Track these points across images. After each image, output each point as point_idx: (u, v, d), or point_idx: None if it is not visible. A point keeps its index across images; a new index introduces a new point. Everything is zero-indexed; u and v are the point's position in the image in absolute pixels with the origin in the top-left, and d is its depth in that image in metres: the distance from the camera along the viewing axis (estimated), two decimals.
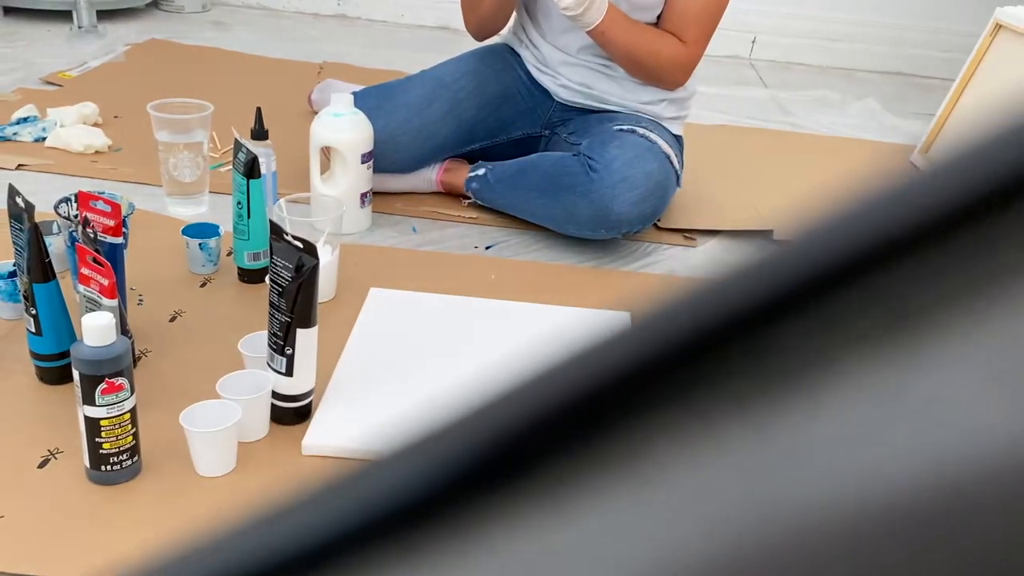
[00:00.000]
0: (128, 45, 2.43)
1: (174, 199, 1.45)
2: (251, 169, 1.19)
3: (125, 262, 1.04)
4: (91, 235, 0.96)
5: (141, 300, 1.18)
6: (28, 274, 0.94)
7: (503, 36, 1.70)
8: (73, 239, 1.10)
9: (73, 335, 1.00)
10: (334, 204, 1.24)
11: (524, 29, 1.62)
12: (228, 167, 1.66)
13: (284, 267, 0.90)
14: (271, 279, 0.92)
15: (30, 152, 1.64)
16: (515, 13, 1.63)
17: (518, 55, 1.64)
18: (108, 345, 0.81)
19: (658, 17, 1.48)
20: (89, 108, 1.78)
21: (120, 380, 0.82)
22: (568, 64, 1.56)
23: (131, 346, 0.89)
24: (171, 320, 1.15)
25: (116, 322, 0.83)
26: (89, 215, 1.00)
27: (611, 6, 1.39)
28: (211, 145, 1.57)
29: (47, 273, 0.94)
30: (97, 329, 0.80)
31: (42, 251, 0.93)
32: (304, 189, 1.51)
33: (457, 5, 1.58)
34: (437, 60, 1.69)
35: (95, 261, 0.90)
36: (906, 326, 0.13)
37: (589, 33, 1.41)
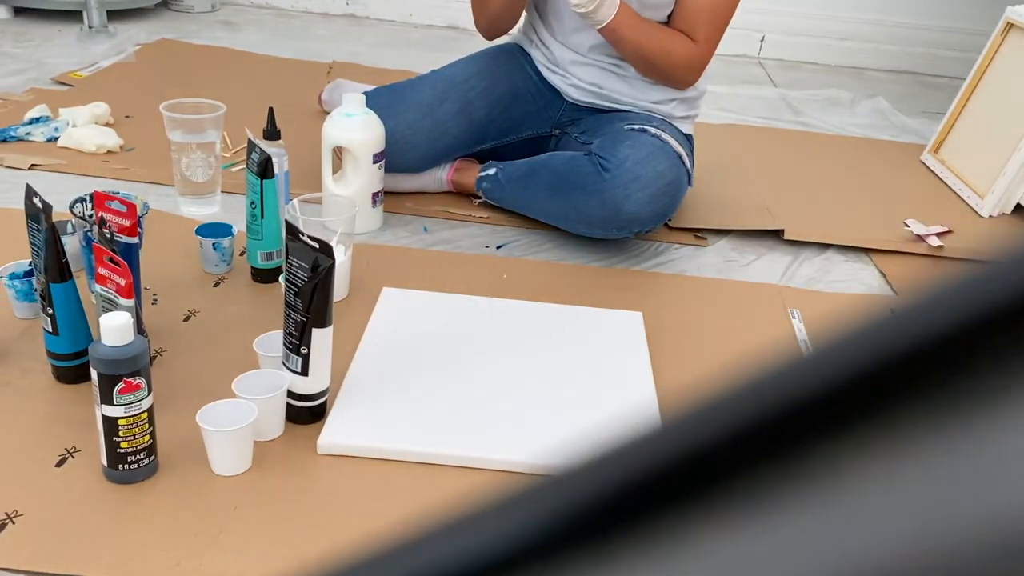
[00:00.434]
0: (138, 45, 2.43)
1: (186, 199, 1.46)
2: (265, 169, 1.19)
3: (140, 262, 1.05)
4: (107, 235, 0.97)
5: (155, 300, 1.19)
6: (45, 274, 0.94)
7: (513, 36, 1.70)
8: (88, 239, 1.11)
9: (89, 335, 1.00)
10: (347, 204, 1.24)
11: (534, 28, 1.62)
12: (240, 167, 1.67)
13: (300, 267, 0.90)
14: (287, 279, 0.92)
15: (43, 152, 1.64)
16: (525, 13, 1.63)
17: (528, 55, 1.64)
18: (126, 345, 0.81)
19: (669, 16, 1.48)
20: (101, 108, 1.78)
21: (138, 379, 0.82)
22: (579, 63, 1.56)
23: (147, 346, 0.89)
24: (185, 320, 1.16)
25: (133, 322, 0.83)
26: (105, 215, 1.00)
27: (623, 4, 1.39)
28: (223, 145, 1.58)
29: (64, 273, 0.95)
30: (115, 329, 0.80)
31: (59, 251, 0.94)
32: (315, 189, 1.52)
33: (465, 4, 1.58)
34: (446, 59, 1.69)
35: (112, 261, 0.90)
36: None
37: (600, 31, 1.41)
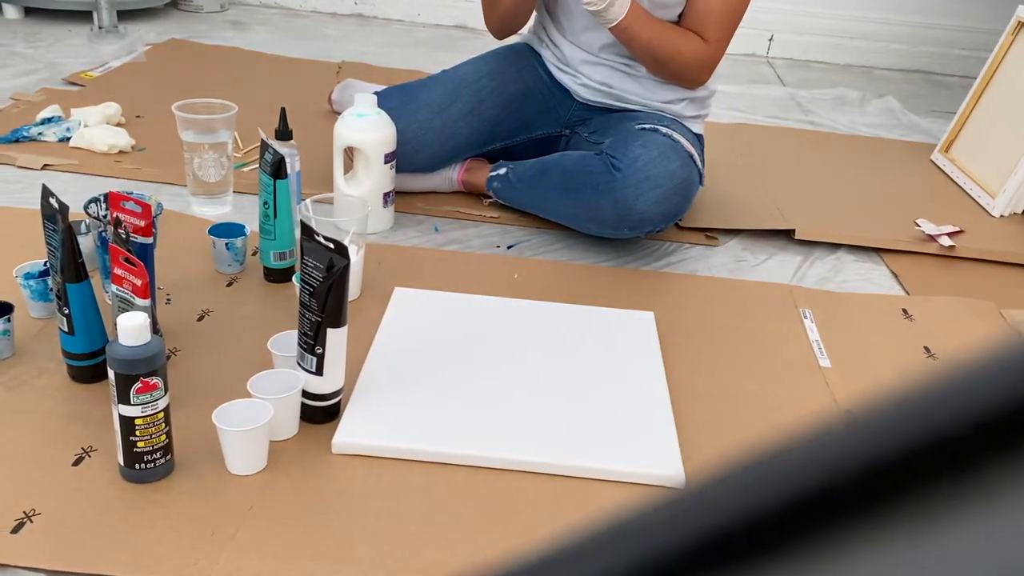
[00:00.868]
0: (148, 45, 2.44)
1: (198, 199, 1.46)
2: (278, 169, 1.20)
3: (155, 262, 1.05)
4: (123, 235, 0.97)
5: (169, 299, 1.19)
6: (61, 274, 0.95)
7: (523, 36, 1.70)
8: (103, 239, 1.11)
9: (104, 334, 1.01)
10: (360, 204, 1.24)
11: (545, 28, 1.62)
12: (251, 167, 1.67)
13: (315, 267, 0.90)
14: (302, 279, 0.92)
15: (55, 152, 1.65)
16: (536, 12, 1.63)
17: (539, 54, 1.64)
18: (143, 344, 0.82)
19: (680, 15, 1.48)
20: (112, 108, 1.79)
21: (154, 379, 0.83)
22: (589, 63, 1.56)
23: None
24: (199, 319, 1.16)
25: (150, 322, 0.84)
26: (120, 215, 1.01)
27: (634, 3, 1.38)
28: (234, 145, 1.58)
29: (80, 273, 0.95)
30: (132, 329, 0.81)
31: (75, 251, 0.94)
32: (325, 188, 1.52)
33: (473, 4, 1.59)
34: (454, 59, 1.69)
35: (128, 261, 0.91)
36: None
37: (611, 30, 1.41)
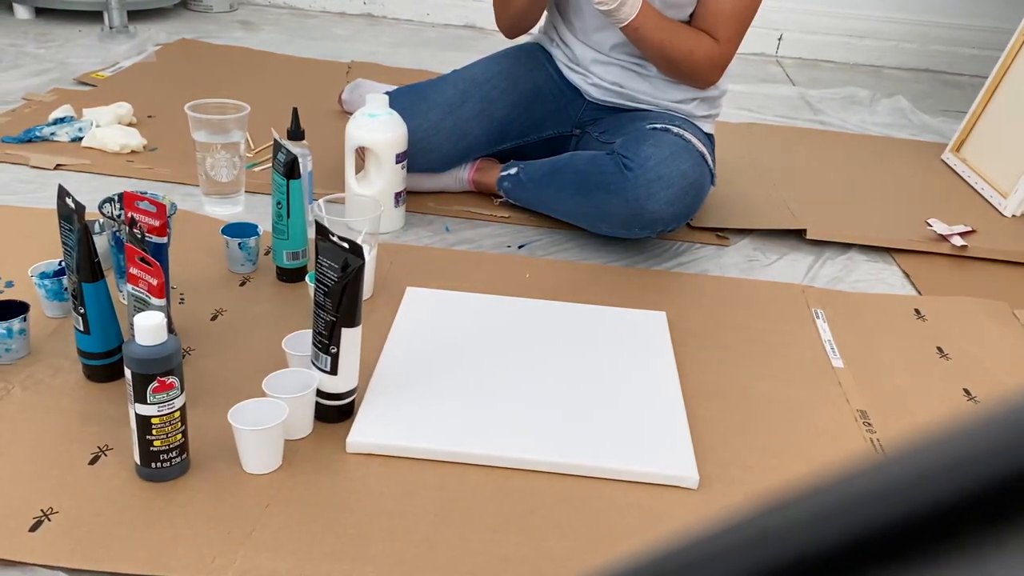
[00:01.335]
0: (158, 45, 2.45)
1: (211, 199, 1.47)
2: (291, 170, 1.20)
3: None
4: (138, 235, 0.98)
5: (183, 299, 1.20)
6: (77, 273, 0.95)
7: (534, 35, 1.70)
8: (117, 239, 1.12)
9: (119, 334, 1.01)
10: (372, 204, 1.25)
11: (555, 28, 1.62)
12: (262, 167, 1.67)
13: (330, 267, 0.91)
14: (317, 279, 0.92)
15: (67, 152, 1.66)
16: (546, 12, 1.63)
17: (549, 54, 1.64)
18: (160, 344, 0.82)
19: (691, 15, 1.48)
20: (124, 108, 1.80)
21: (171, 379, 0.83)
22: (600, 62, 1.56)
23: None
24: (212, 319, 1.16)
25: (167, 322, 0.84)
26: (135, 215, 1.01)
27: (645, 3, 1.38)
28: (245, 145, 1.58)
29: (96, 273, 0.96)
30: (149, 329, 0.81)
31: (91, 251, 0.95)
32: (336, 188, 1.52)
33: (481, 4, 1.59)
34: (463, 59, 1.69)
35: (144, 261, 0.91)
36: None
37: (622, 30, 1.41)
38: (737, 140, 2.08)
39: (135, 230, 0.98)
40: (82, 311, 0.97)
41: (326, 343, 0.94)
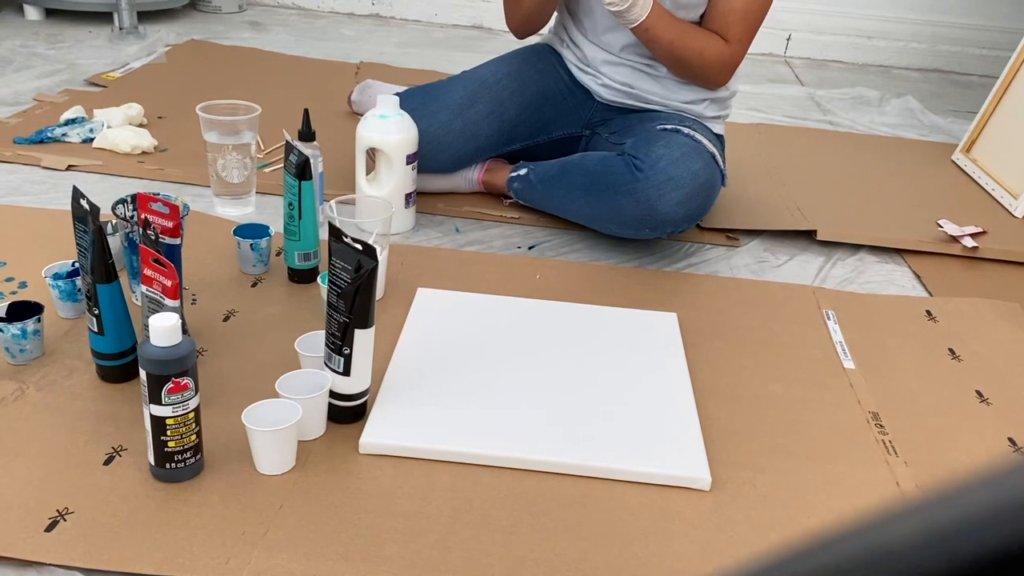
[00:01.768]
0: (168, 46, 2.46)
1: (222, 199, 1.47)
2: (303, 171, 1.20)
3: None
4: (152, 236, 0.98)
5: (195, 300, 1.20)
6: (92, 274, 0.96)
7: (544, 36, 1.70)
8: (130, 240, 1.12)
9: (133, 334, 1.02)
10: (384, 205, 1.25)
11: (566, 28, 1.62)
12: (272, 168, 1.68)
13: (343, 269, 0.91)
14: (330, 280, 0.93)
15: (79, 153, 1.66)
16: (556, 13, 1.64)
17: (559, 55, 1.64)
18: (175, 345, 0.82)
19: (701, 16, 1.48)
20: (135, 109, 1.80)
21: (185, 380, 0.84)
22: (610, 63, 1.56)
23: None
24: (225, 319, 1.17)
25: (181, 323, 0.84)
26: (148, 216, 1.01)
27: (656, 4, 1.38)
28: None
29: (110, 274, 0.96)
30: (164, 330, 0.81)
31: (106, 252, 0.95)
32: (346, 189, 1.53)
33: (489, 4, 1.59)
34: (471, 59, 1.69)
35: (158, 262, 0.91)
36: None
37: (633, 30, 1.41)
38: (746, 140, 2.08)
39: (149, 231, 0.98)
40: (96, 312, 0.98)
41: (339, 344, 0.94)
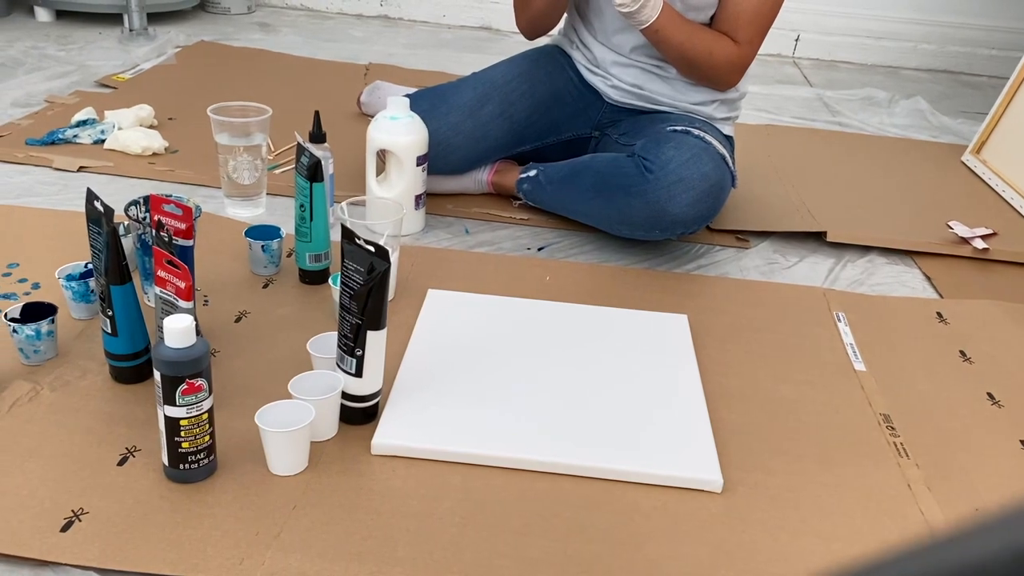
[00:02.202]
0: (178, 47, 2.46)
1: (232, 200, 1.48)
2: (314, 173, 1.21)
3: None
4: (165, 238, 0.98)
5: (207, 301, 1.21)
6: (106, 276, 0.96)
7: (553, 37, 1.71)
8: (142, 241, 1.12)
9: (146, 335, 1.02)
10: (395, 207, 1.25)
11: (575, 30, 1.62)
12: (283, 169, 1.68)
13: (356, 270, 0.91)
14: (342, 282, 0.93)
15: (90, 154, 1.67)
16: (566, 14, 1.64)
17: (569, 56, 1.64)
18: (189, 347, 0.83)
19: (711, 18, 1.48)
20: (145, 110, 1.81)
21: (200, 381, 0.84)
22: (620, 64, 1.56)
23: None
24: (236, 320, 1.17)
25: (196, 324, 0.85)
26: (161, 218, 1.02)
27: (666, 5, 1.39)
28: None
29: (124, 275, 0.97)
30: (179, 332, 0.82)
31: (120, 254, 0.95)
32: (355, 190, 1.53)
33: (498, 5, 1.59)
34: (480, 60, 1.70)
35: (171, 264, 0.92)
36: None
37: (643, 32, 1.41)
38: (755, 141, 2.07)
39: (162, 233, 0.99)
40: (110, 313, 0.98)
41: (351, 346, 0.94)
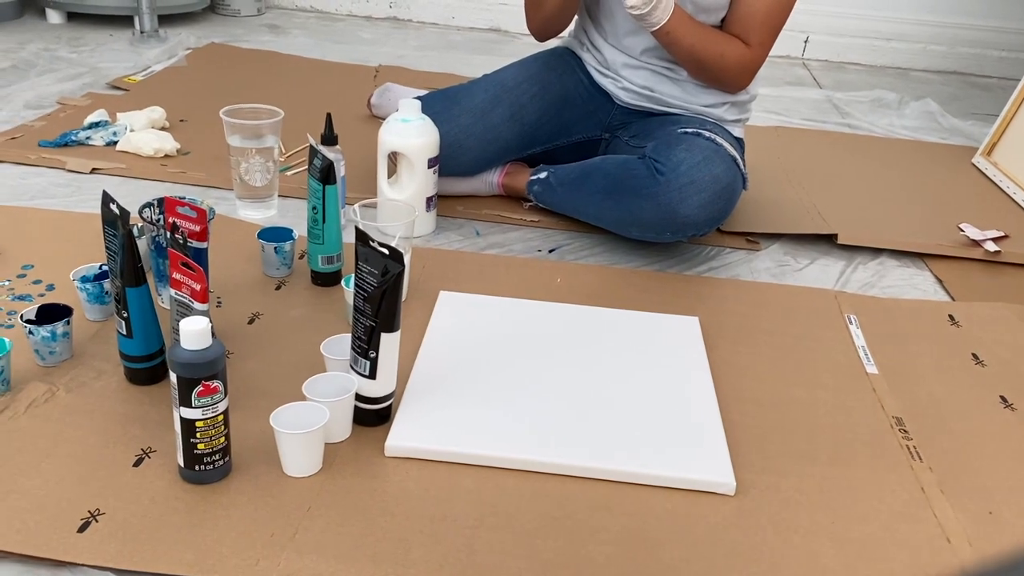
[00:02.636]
0: (189, 49, 2.47)
1: (244, 202, 1.48)
2: (327, 175, 1.21)
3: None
4: (180, 240, 0.99)
5: (220, 302, 1.21)
6: (121, 278, 0.97)
7: (564, 40, 1.71)
8: (156, 243, 1.13)
9: (161, 337, 1.03)
10: (407, 209, 1.26)
11: (586, 32, 1.63)
12: (294, 171, 1.69)
13: (370, 273, 0.91)
14: (356, 284, 0.93)
15: (102, 156, 1.68)
16: (577, 17, 1.64)
17: (579, 58, 1.64)
18: (205, 348, 0.83)
19: (722, 20, 1.48)
20: (157, 112, 1.82)
21: (215, 383, 0.84)
22: (631, 67, 1.56)
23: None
24: (249, 322, 1.18)
25: (211, 326, 0.85)
26: (176, 220, 1.02)
27: (677, 7, 1.39)
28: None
29: (139, 277, 0.97)
30: (195, 333, 0.82)
31: (135, 256, 0.96)
32: (365, 192, 1.54)
33: (507, 7, 1.59)
34: (489, 62, 1.70)
35: (186, 266, 0.92)
36: None
37: (654, 34, 1.41)
38: (764, 143, 2.07)
39: (177, 235, 0.99)
40: (125, 315, 0.99)
41: (365, 348, 0.94)
